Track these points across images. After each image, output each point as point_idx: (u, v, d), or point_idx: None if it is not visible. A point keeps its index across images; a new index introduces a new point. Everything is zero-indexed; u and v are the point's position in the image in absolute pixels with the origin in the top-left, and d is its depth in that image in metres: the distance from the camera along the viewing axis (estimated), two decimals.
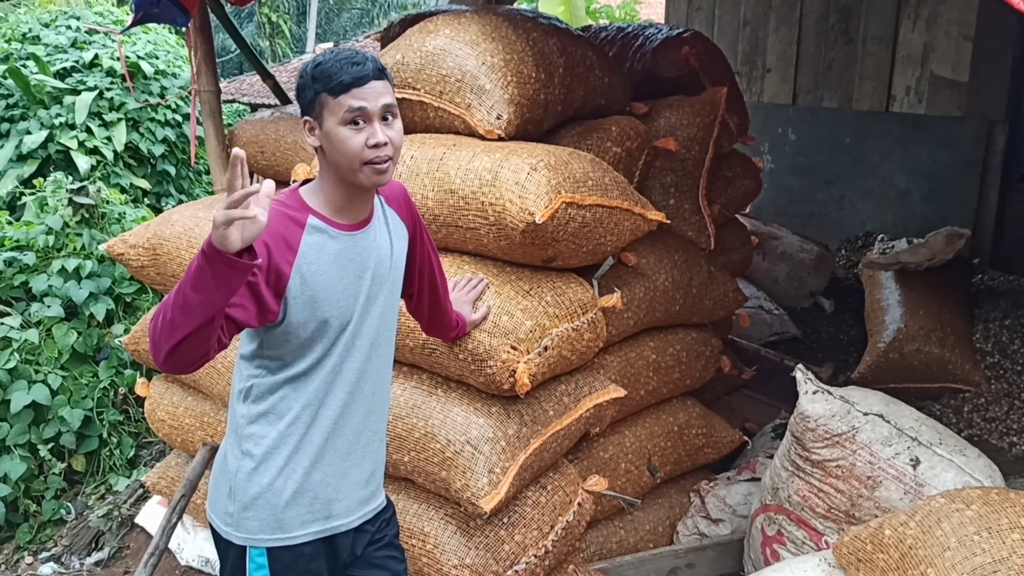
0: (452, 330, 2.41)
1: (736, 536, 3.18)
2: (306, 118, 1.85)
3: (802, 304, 5.62)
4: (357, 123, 1.78)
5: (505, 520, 2.58)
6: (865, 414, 2.65)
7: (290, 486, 1.92)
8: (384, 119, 1.82)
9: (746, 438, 3.67)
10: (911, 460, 2.56)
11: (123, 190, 7.02)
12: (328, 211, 1.88)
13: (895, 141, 6.06)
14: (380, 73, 1.82)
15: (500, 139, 2.74)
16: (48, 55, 7.73)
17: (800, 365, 2.88)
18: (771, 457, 3.36)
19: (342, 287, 1.88)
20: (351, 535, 2.05)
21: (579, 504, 2.75)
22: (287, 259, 1.79)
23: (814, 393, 2.73)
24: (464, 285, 2.55)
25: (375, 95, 1.79)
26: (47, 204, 5.23)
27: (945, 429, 2.72)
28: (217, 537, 2.02)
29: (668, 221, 2.91)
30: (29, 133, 7.08)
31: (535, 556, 2.57)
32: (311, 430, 1.92)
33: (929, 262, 4.58)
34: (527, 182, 2.43)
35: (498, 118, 2.75)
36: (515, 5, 4.97)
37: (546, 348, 2.50)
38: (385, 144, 1.80)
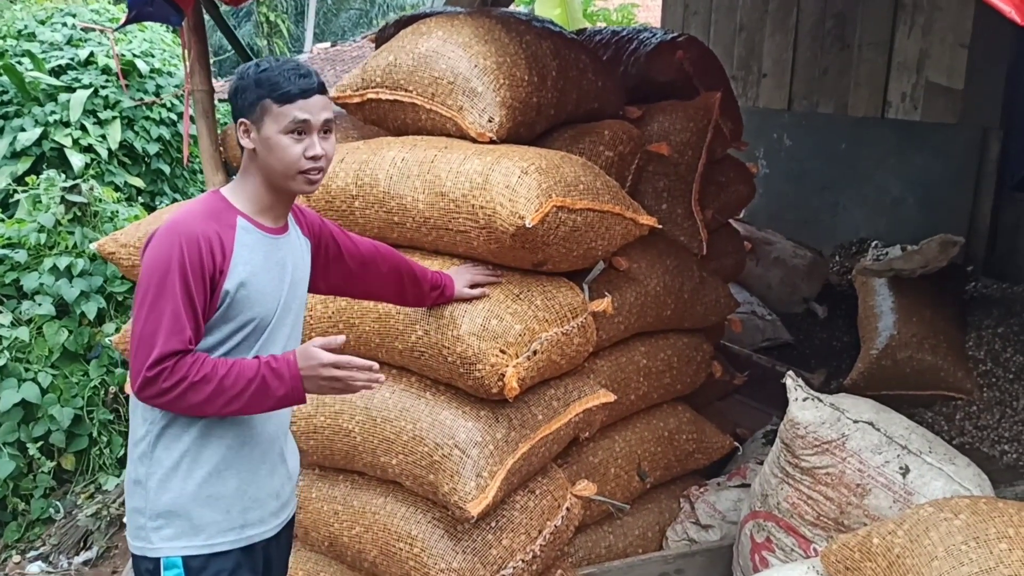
0: (428, 287, 2.44)
1: (725, 542, 3.18)
2: (242, 120, 1.90)
3: (795, 310, 5.61)
4: (299, 133, 1.87)
5: (493, 524, 2.57)
6: (855, 421, 2.65)
7: (204, 491, 1.90)
8: (322, 132, 1.91)
9: (737, 444, 3.67)
10: (901, 468, 2.56)
11: (117, 188, 6.99)
12: (252, 212, 1.94)
13: (890, 148, 6.06)
14: (323, 88, 1.93)
15: (492, 142, 2.74)
16: (43, 52, 7.70)
17: (791, 372, 2.87)
18: (761, 463, 3.35)
19: (270, 288, 1.93)
20: (270, 543, 2.06)
21: (567, 509, 2.74)
22: (224, 261, 1.84)
23: (804, 400, 2.72)
24: (478, 265, 2.59)
25: (318, 109, 1.89)
26: (40, 201, 5.21)
27: (935, 437, 2.71)
28: (134, 561, 1.97)
29: (660, 226, 2.90)
30: (23, 130, 7.04)
31: (523, 561, 2.56)
32: (223, 434, 1.91)
33: (923, 269, 4.58)
34: (518, 185, 2.43)
35: (490, 121, 2.74)
36: (511, 7, 4.96)
37: (535, 352, 2.49)
38: (321, 156, 1.90)
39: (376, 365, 1.81)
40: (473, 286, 2.53)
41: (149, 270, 1.79)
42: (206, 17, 4.03)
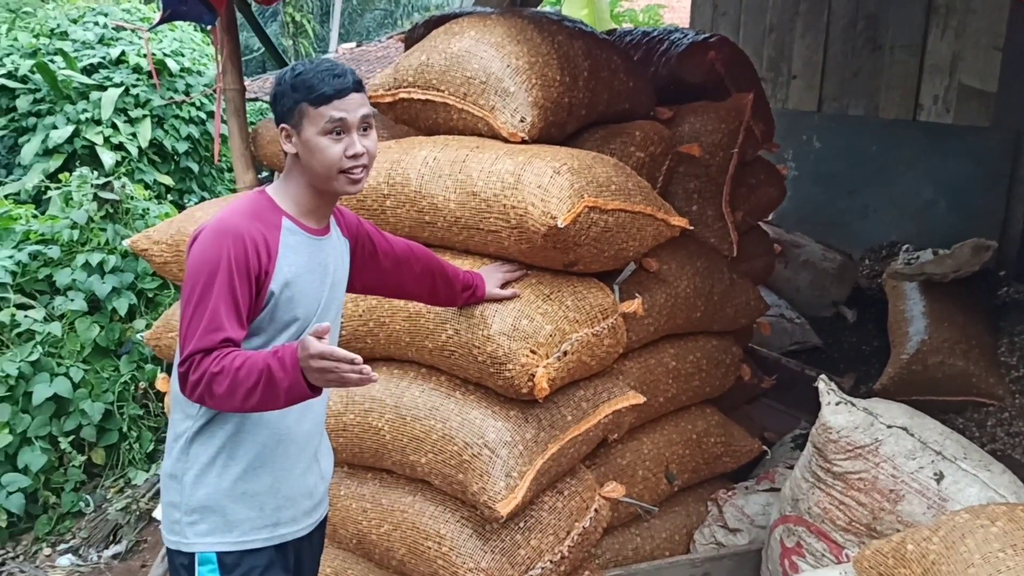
0: (460, 287, 2.44)
1: (754, 546, 3.16)
2: (283, 125, 1.90)
3: (824, 313, 5.57)
4: (337, 133, 1.85)
5: (521, 524, 2.57)
6: (889, 427, 2.62)
7: (239, 488, 1.91)
8: (361, 130, 1.89)
9: (765, 448, 3.64)
10: (935, 474, 2.53)
11: (147, 186, 7.07)
12: (297, 213, 1.94)
13: (921, 151, 5.99)
14: (359, 86, 1.90)
15: (523, 142, 2.73)
16: (75, 51, 7.79)
17: (823, 376, 2.85)
18: (791, 467, 3.32)
19: (311, 289, 1.94)
20: (302, 543, 2.07)
21: (596, 510, 2.73)
22: (270, 262, 1.84)
23: (837, 404, 2.70)
24: (503, 264, 2.60)
25: (355, 107, 1.87)
26: (72, 199, 5.27)
27: (970, 443, 2.68)
28: (169, 556, 1.99)
29: (691, 227, 2.89)
30: (55, 128, 7.14)
31: (551, 561, 2.56)
32: (259, 432, 1.92)
33: (954, 274, 4.53)
34: (550, 185, 2.42)
35: (522, 121, 2.74)
36: (540, 7, 4.96)
37: (565, 353, 2.49)
38: (362, 154, 1.88)
39: (359, 359, 1.65)
40: (504, 285, 2.54)
41: (196, 269, 1.79)
42: (237, 16, 4.06)
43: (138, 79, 7.63)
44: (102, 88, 7.44)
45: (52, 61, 7.47)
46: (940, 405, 4.21)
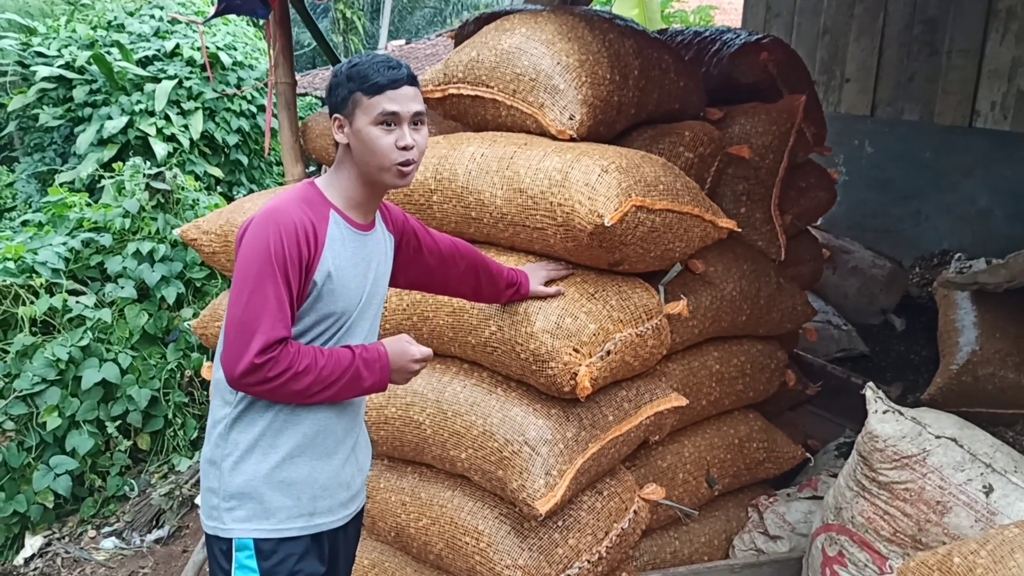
0: (504, 284, 2.44)
1: (794, 554, 3.11)
2: (336, 115, 1.92)
3: (872, 321, 5.48)
4: (388, 125, 1.87)
5: (560, 523, 2.56)
6: (937, 437, 2.57)
7: (277, 475, 1.92)
8: (413, 124, 1.90)
9: (808, 455, 3.59)
10: (984, 487, 2.47)
11: (197, 177, 7.19)
12: (344, 207, 1.96)
13: (978, 158, 5.87)
14: (413, 80, 1.91)
15: (572, 140, 2.72)
16: (131, 43, 7.95)
17: (870, 383, 2.80)
18: (834, 475, 3.28)
19: (354, 284, 1.95)
20: (337, 533, 2.08)
21: (635, 512, 2.72)
22: (316, 252, 1.86)
23: (884, 412, 2.65)
24: (549, 262, 2.61)
25: (408, 100, 1.88)
26: (125, 188, 5.37)
27: (1021, 457, 2.61)
28: (207, 541, 2.01)
29: (739, 229, 2.85)
30: (110, 118, 7.29)
31: (588, 561, 2.55)
32: (300, 422, 1.93)
33: (1008, 284, 4.41)
34: (597, 184, 2.41)
35: (571, 118, 2.73)
36: (591, 5, 4.93)
37: (609, 352, 2.47)
38: (412, 147, 1.89)
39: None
40: (548, 283, 2.53)
41: (249, 256, 1.81)
42: (290, 11, 4.10)
43: (191, 72, 7.76)
44: (156, 80, 7.59)
45: (108, 53, 7.63)
46: (990, 417, 4.11)
